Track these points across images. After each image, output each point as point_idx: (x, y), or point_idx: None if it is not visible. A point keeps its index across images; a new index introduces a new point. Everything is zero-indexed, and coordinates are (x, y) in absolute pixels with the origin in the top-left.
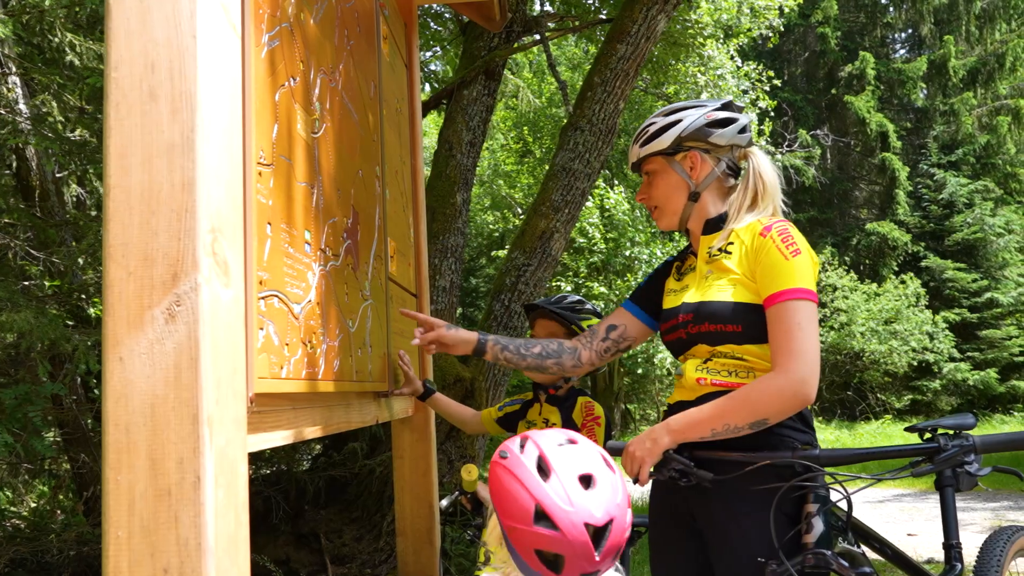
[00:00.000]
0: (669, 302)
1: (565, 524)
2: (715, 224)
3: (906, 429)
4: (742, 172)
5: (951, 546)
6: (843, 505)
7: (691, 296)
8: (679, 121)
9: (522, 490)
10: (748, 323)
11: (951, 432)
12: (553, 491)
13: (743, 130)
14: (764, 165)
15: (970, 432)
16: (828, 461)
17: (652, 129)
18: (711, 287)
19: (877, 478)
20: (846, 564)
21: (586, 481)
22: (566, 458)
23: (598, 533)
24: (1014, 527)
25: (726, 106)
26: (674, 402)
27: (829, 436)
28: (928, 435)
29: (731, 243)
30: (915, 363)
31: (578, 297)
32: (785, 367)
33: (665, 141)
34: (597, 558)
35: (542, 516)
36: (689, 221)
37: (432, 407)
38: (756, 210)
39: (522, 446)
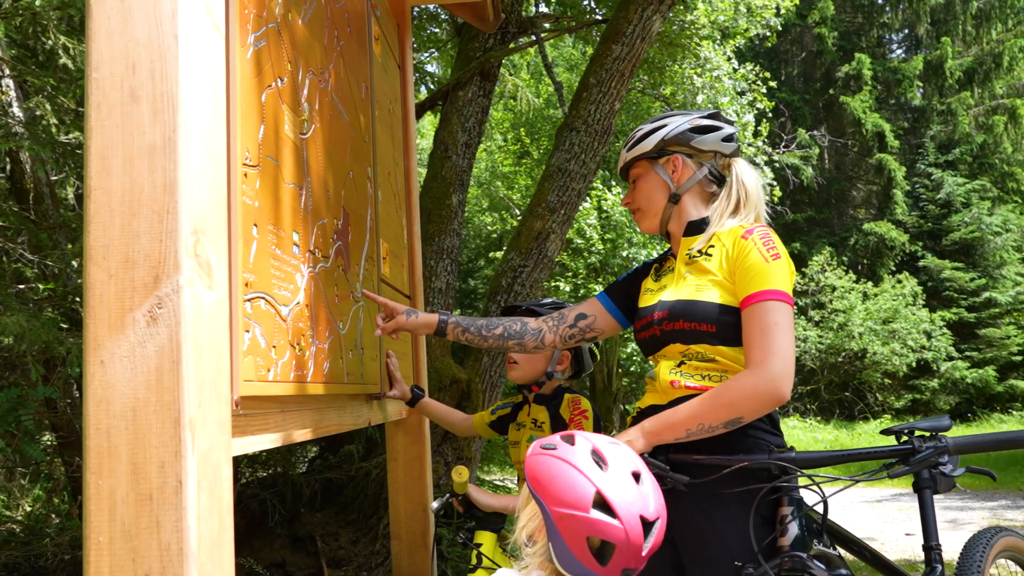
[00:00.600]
0: (645, 301)
1: (624, 514)
2: (696, 227)
3: (882, 432)
4: (725, 181)
5: (931, 548)
6: (820, 507)
7: (668, 295)
8: (664, 126)
9: (580, 477)
10: (723, 324)
11: (927, 434)
12: (612, 481)
13: (728, 139)
14: (747, 174)
15: (945, 434)
16: (804, 463)
17: (638, 134)
18: (689, 287)
19: (853, 480)
20: (822, 567)
21: (636, 477)
22: (617, 454)
23: (648, 528)
24: (995, 528)
25: (714, 115)
26: (645, 406)
27: (828, 436)
28: (904, 437)
29: (712, 246)
30: (913, 363)
31: (553, 299)
32: (760, 364)
33: (649, 144)
34: (644, 553)
35: (602, 504)
36: (670, 223)
37: (421, 412)
38: (739, 217)
39: (570, 440)
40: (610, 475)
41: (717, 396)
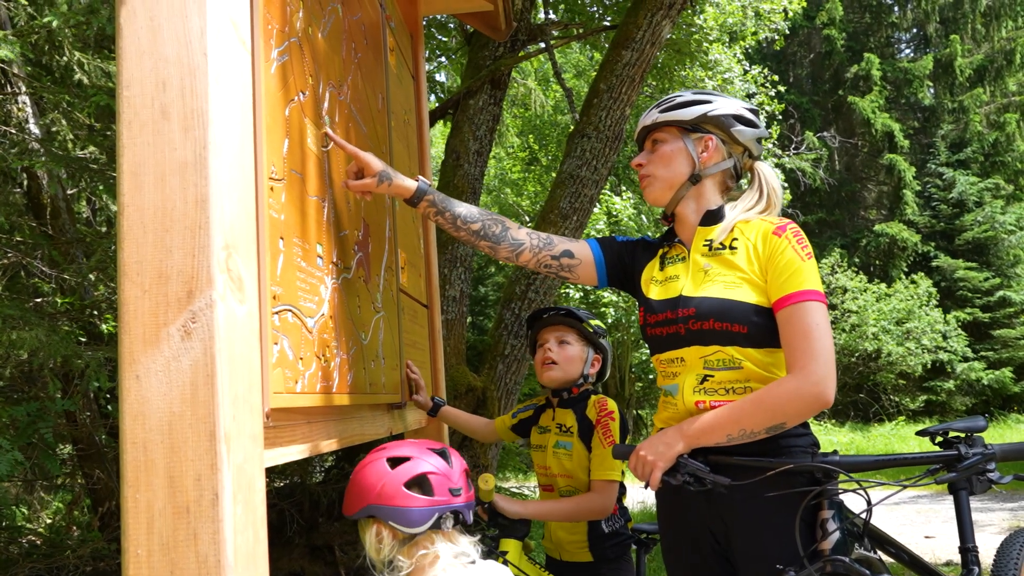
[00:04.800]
0: (657, 292)
1: (413, 451)
2: (714, 216)
3: (917, 433)
4: (745, 179)
5: (968, 550)
6: (863, 511)
7: (689, 289)
8: (709, 102)
9: (368, 466)
10: (754, 325)
11: (963, 435)
12: (391, 446)
13: (759, 140)
14: (773, 176)
15: (982, 435)
16: (849, 467)
17: (679, 100)
18: (715, 283)
19: (902, 486)
20: (865, 571)
21: (413, 441)
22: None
23: (443, 455)
24: None
25: (755, 111)
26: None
27: (843, 439)
28: (940, 438)
29: (735, 239)
30: (929, 364)
31: (568, 307)
32: (803, 368)
33: (689, 114)
34: (453, 467)
35: (394, 460)
36: (681, 204)
37: (443, 421)
38: (766, 212)
39: None
40: (389, 447)
41: (760, 401)
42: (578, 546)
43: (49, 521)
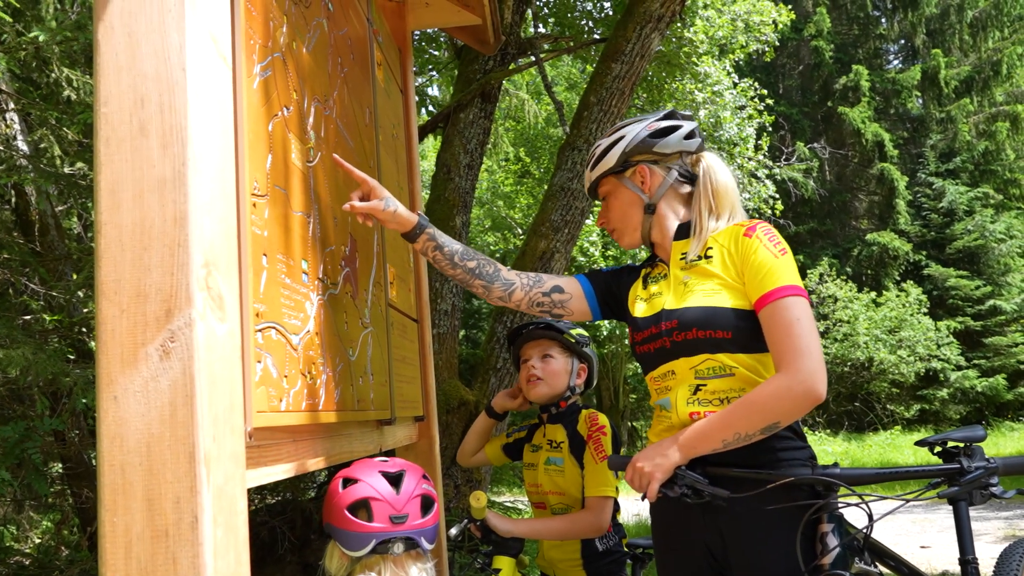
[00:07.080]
0: (641, 311)
1: (363, 474)
2: (686, 230)
3: (916, 443)
4: (697, 178)
5: (967, 562)
6: (864, 524)
7: (671, 302)
8: (622, 138)
9: (332, 483)
10: (738, 330)
11: (962, 445)
12: (355, 467)
13: (690, 136)
14: (715, 167)
15: (981, 444)
16: (850, 480)
17: (598, 151)
18: (694, 292)
19: (904, 500)
20: None
21: (382, 461)
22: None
23: (395, 480)
24: None
25: (669, 115)
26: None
27: (838, 449)
28: (939, 448)
29: (710, 247)
30: (922, 371)
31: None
32: (792, 366)
33: (611, 160)
34: (398, 495)
35: (346, 481)
36: (652, 234)
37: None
38: (722, 215)
39: None
40: (355, 467)
41: (751, 403)
42: (571, 564)
43: (38, 541)
